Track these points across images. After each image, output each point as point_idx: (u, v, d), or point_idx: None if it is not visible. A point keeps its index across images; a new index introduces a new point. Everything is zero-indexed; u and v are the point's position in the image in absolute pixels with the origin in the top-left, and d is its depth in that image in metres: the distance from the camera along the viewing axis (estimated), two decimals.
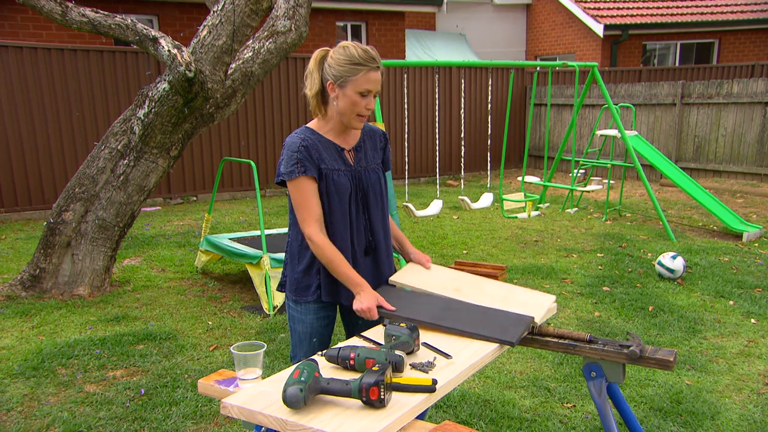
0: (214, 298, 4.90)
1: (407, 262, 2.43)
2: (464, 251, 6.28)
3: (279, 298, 4.58)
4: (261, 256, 4.57)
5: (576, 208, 7.92)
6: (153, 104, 4.55)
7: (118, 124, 4.81)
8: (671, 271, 5.15)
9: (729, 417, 3.03)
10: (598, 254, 6.07)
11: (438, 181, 6.74)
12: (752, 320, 4.30)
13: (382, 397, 1.50)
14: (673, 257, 5.19)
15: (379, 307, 2.08)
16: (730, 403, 3.17)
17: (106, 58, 8.32)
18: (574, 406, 3.17)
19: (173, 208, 8.84)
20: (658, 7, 14.70)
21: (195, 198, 9.31)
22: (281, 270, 3.38)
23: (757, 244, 6.34)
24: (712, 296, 4.81)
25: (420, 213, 5.94)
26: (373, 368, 1.56)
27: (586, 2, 14.41)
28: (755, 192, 9.03)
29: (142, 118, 4.62)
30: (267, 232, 5.40)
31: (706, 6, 14.81)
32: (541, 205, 7.27)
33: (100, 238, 4.85)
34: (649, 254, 5.99)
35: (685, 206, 8.44)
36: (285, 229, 5.69)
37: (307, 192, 2.08)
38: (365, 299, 2.07)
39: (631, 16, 14.15)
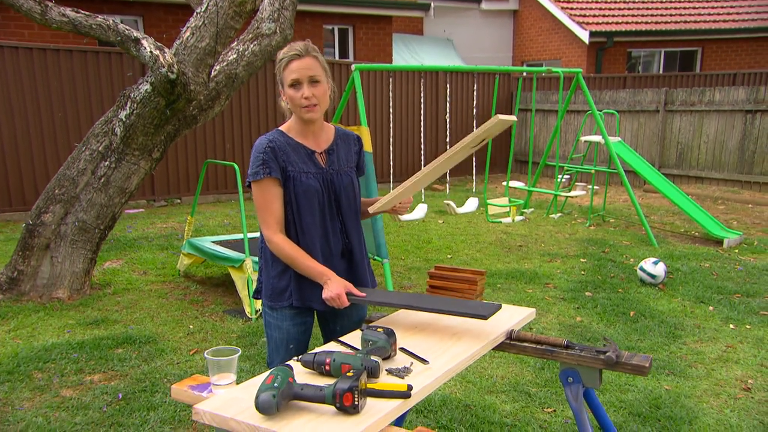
0: (195, 302, 4.86)
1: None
2: (449, 256, 6.28)
3: (260, 302, 4.55)
4: (243, 260, 4.54)
5: (560, 213, 7.96)
6: (135, 106, 4.51)
7: (99, 126, 4.76)
8: (653, 276, 5.19)
9: (706, 422, 3.05)
10: (581, 259, 6.10)
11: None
12: (731, 326, 4.33)
13: (356, 403, 1.49)
14: (655, 263, 5.23)
15: (349, 294, 2.07)
16: (708, 408, 3.20)
17: (89, 59, 8.24)
18: (555, 410, 3.18)
19: (157, 210, 8.77)
20: (642, 15, 14.85)
21: (179, 200, 9.24)
22: None
23: (737, 251, 6.41)
24: (692, 302, 4.84)
25: (405, 217, 5.94)
26: (348, 374, 1.55)
27: (572, 9, 14.52)
28: (736, 198, 9.13)
29: (124, 119, 4.58)
30: (250, 235, 5.37)
31: (690, 15, 14.99)
32: (525, 210, 7.30)
33: (80, 241, 4.79)
34: (632, 260, 6.03)
35: (668, 212, 8.52)
36: None
37: (269, 194, 2.07)
38: (333, 287, 2.05)
39: (617, 23, 14.27)
